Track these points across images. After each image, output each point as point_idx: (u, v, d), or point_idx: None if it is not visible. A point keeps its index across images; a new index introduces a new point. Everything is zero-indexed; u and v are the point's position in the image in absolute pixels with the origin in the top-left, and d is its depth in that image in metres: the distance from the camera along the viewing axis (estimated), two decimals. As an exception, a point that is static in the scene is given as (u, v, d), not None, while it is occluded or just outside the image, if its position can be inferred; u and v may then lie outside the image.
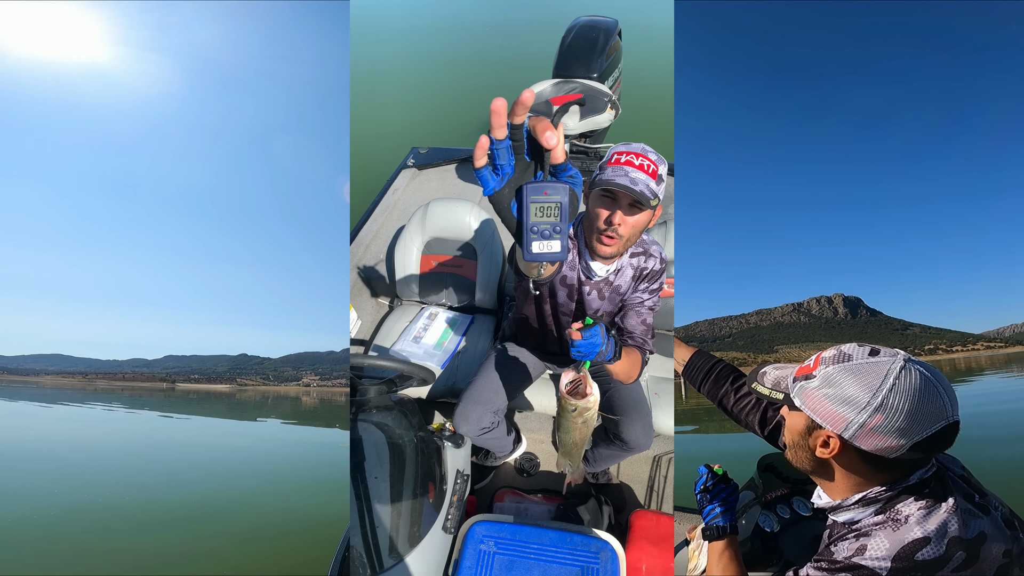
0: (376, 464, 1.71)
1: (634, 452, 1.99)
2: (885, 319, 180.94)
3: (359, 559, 1.54)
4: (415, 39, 10.36)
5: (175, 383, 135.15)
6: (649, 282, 1.81)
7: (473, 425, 1.96)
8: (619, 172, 1.52)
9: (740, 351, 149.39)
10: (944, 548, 0.86)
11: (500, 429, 2.09)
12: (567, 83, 3.14)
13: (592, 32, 3.65)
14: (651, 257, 1.80)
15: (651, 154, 1.54)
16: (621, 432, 1.92)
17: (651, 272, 1.80)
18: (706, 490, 1.40)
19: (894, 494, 0.93)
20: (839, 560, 0.92)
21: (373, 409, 1.87)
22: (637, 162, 1.52)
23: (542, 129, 0.83)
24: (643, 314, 1.81)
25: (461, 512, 1.82)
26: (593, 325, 1.42)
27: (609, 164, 1.54)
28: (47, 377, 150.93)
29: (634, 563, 1.78)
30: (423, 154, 4.12)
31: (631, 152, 1.53)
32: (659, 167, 1.53)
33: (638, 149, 1.54)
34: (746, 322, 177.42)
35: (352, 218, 3.50)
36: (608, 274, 1.78)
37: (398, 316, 2.74)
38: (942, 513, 0.89)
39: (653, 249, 1.81)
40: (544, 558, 1.71)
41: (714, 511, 1.35)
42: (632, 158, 1.52)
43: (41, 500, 7.29)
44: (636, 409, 1.93)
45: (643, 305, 1.81)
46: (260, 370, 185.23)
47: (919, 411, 0.86)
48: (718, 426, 14.16)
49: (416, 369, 1.96)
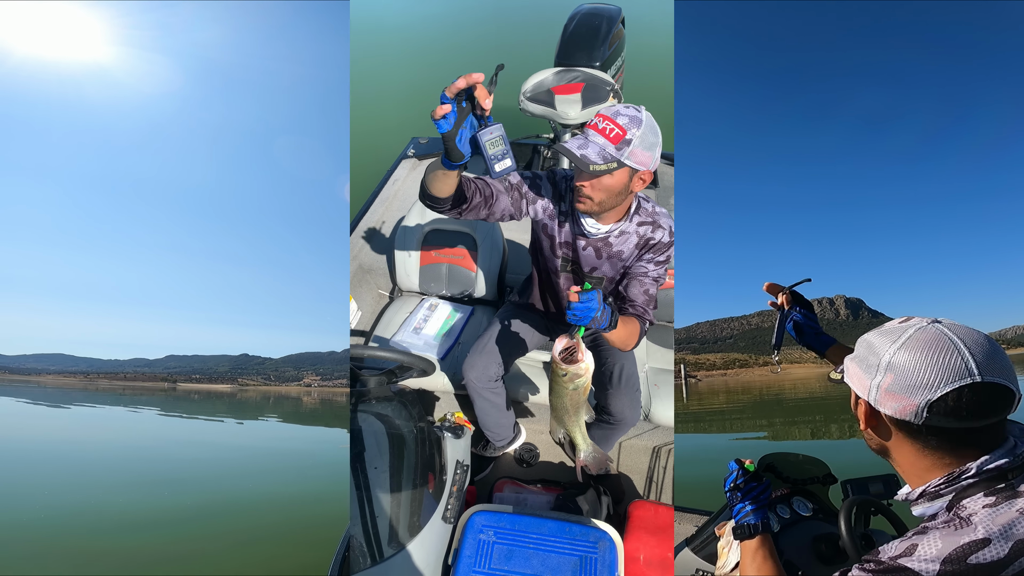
0: (376, 454, 1.73)
1: (623, 427, 2.01)
2: (887, 320, 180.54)
3: (359, 548, 1.55)
4: (415, 31, 10.34)
5: (176, 383, 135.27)
6: (655, 253, 1.80)
7: (480, 372, 2.02)
8: (577, 139, 1.57)
9: (741, 352, 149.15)
10: (1007, 551, 0.74)
11: (501, 393, 2.13)
12: (569, 72, 3.13)
13: (595, 20, 3.61)
14: (659, 228, 1.79)
15: (622, 117, 1.54)
16: (607, 405, 1.95)
17: (657, 243, 1.79)
18: (736, 487, 1.34)
19: (962, 487, 0.83)
20: (884, 560, 0.83)
21: (373, 400, 1.89)
22: (602, 125, 1.55)
23: (482, 96, 1.31)
24: (646, 284, 1.80)
25: (461, 502, 1.83)
26: (591, 290, 1.44)
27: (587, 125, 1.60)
28: (49, 377, 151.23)
29: (632, 553, 1.79)
30: (423, 144, 4.10)
31: (603, 115, 1.56)
32: (628, 131, 1.54)
33: (610, 113, 1.56)
34: (747, 323, 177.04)
35: (352, 211, 3.50)
36: (606, 234, 1.79)
37: (398, 307, 2.75)
38: (1013, 511, 0.78)
39: (663, 221, 1.80)
40: (543, 547, 1.72)
41: (745, 509, 1.30)
42: (599, 120, 1.56)
43: (41, 500, 7.31)
44: (623, 384, 1.96)
45: (647, 275, 1.80)
46: (261, 370, 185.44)
47: (928, 366, 0.81)
48: (718, 427, 14.18)
49: (416, 360, 1.97)
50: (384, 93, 7.75)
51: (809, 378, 40.25)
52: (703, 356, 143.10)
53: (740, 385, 54.62)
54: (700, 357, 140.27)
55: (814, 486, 1.85)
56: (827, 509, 1.80)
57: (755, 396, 30.69)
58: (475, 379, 2.05)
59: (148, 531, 6.15)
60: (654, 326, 2.64)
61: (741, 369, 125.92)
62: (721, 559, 1.57)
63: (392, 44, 9.62)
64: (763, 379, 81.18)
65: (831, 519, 1.70)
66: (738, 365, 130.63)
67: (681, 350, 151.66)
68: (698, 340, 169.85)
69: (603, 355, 2.00)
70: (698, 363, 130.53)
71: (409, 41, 9.74)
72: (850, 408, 1.02)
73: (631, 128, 1.53)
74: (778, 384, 42.89)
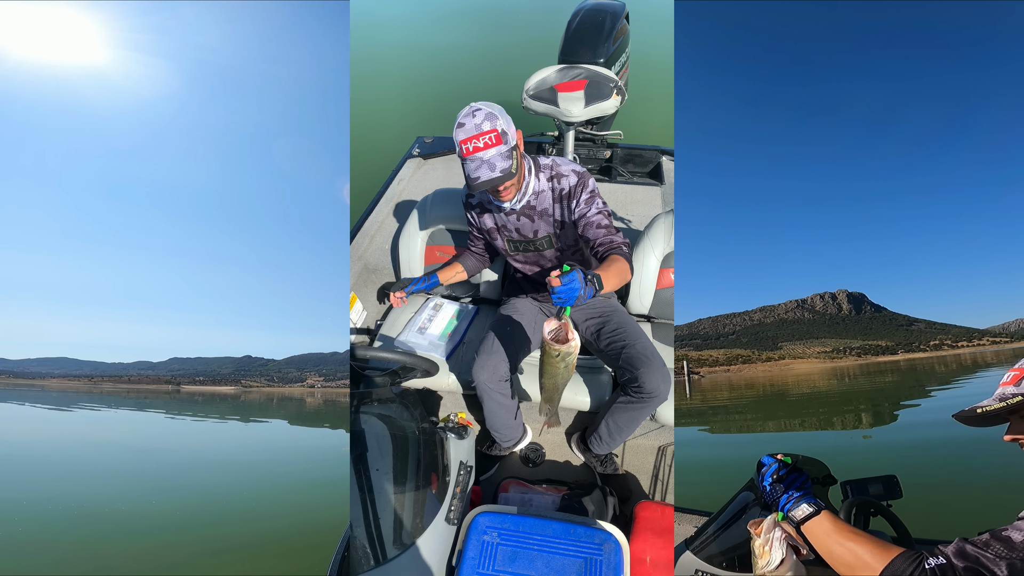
0: (378, 456, 1.71)
1: (656, 403, 2.03)
2: (890, 315, 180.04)
3: (362, 550, 1.54)
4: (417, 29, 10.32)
5: (180, 385, 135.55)
6: (576, 198, 1.99)
7: (490, 373, 2.05)
8: (474, 164, 1.80)
9: (744, 348, 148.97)
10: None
11: (509, 393, 2.15)
12: (572, 69, 3.10)
13: (599, 16, 3.58)
14: (563, 177, 2.01)
15: (485, 123, 1.76)
16: (642, 382, 1.97)
17: (570, 190, 2.00)
18: (779, 479, 1.36)
19: None
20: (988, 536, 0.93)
21: (375, 401, 1.87)
22: (480, 143, 1.76)
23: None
24: (592, 220, 1.96)
25: (465, 503, 1.82)
26: (570, 271, 1.53)
27: (463, 154, 1.81)
28: (53, 380, 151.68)
29: (638, 554, 1.77)
30: (428, 143, 4.09)
31: (470, 137, 1.77)
32: (497, 127, 1.77)
33: (472, 130, 1.76)
34: (750, 319, 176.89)
35: (352, 212, 3.48)
36: (525, 201, 2.04)
37: (403, 307, 2.73)
38: None
39: (563, 168, 2.01)
40: (547, 549, 1.70)
41: (794, 496, 1.30)
42: (473, 142, 1.77)
43: (46, 503, 7.31)
44: (653, 360, 2.01)
45: (589, 217, 1.97)
46: (264, 371, 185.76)
47: None
48: (723, 426, 14.15)
49: (419, 361, 1.96)
50: (384, 93, 7.73)
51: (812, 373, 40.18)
52: (706, 352, 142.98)
53: (743, 381, 54.54)
54: (703, 353, 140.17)
55: (814, 487, 1.83)
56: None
57: (758, 392, 30.65)
58: (486, 380, 2.06)
59: (153, 534, 6.16)
60: (655, 323, 2.63)
61: (744, 365, 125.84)
62: (763, 559, 1.54)
63: (392, 40, 9.59)
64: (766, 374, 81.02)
65: None
66: (741, 361, 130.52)
67: (684, 346, 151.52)
68: (701, 336, 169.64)
69: (627, 336, 2.08)
70: (701, 359, 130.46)
71: (409, 41, 9.71)
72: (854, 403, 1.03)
73: (498, 126, 1.78)
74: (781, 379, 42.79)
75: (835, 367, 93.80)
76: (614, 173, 3.88)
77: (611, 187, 3.82)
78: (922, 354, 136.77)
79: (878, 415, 14.11)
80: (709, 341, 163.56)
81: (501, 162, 1.80)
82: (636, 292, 2.51)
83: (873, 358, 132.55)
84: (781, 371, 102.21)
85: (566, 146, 3.24)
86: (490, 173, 1.80)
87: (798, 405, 18.67)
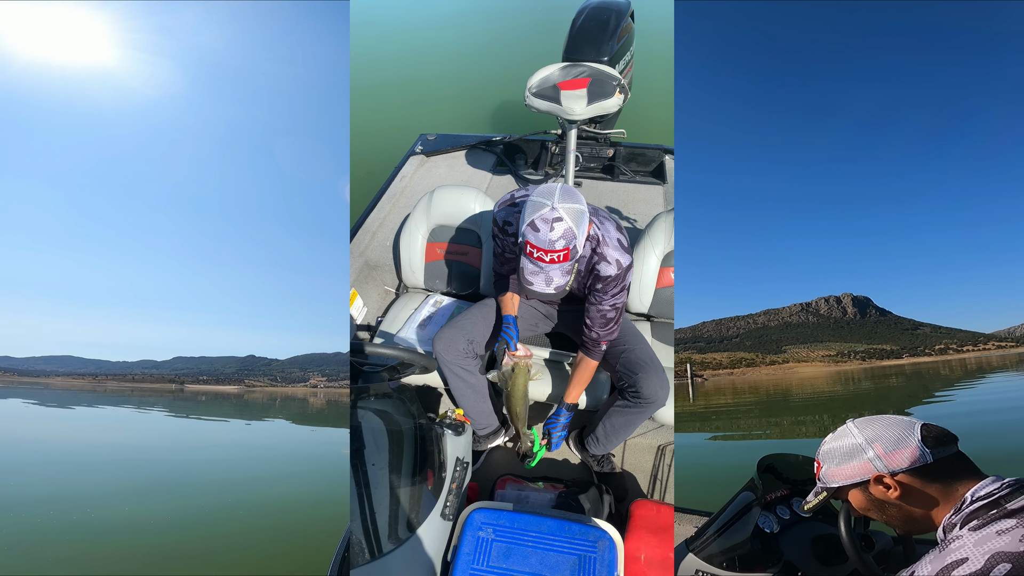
0: (374, 451, 1.72)
1: (652, 408, 2.04)
2: (895, 319, 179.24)
3: (359, 545, 1.54)
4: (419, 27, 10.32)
5: (184, 384, 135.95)
6: (605, 287, 1.93)
7: (446, 345, 2.10)
8: (532, 268, 1.72)
9: (748, 351, 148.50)
10: (983, 562, 0.83)
11: (475, 373, 2.17)
12: (575, 67, 3.09)
13: (603, 14, 3.57)
14: (606, 263, 1.91)
15: (560, 241, 1.65)
16: (639, 387, 1.98)
17: (604, 278, 1.92)
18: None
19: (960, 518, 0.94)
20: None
21: (372, 396, 1.88)
22: (547, 258, 1.68)
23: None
24: (603, 310, 1.96)
25: (460, 499, 1.82)
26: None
27: (524, 251, 1.71)
28: (57, 379, 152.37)
29: (633, 552, 1.77)
30: (431, 141, 4.09)
31: (539, 247, 1.67)
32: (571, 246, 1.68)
33: (544, 242, 1.66)
34: (754, 322, 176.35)
35: (352, 209, 3.49)
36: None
37: (403, 303, 2.75)
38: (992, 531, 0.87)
39: (610, 254, 1.90)
40: (542, 546, 1.70)
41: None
42: (539, 252, 1.68)
43: (49, 501, 7.33)
44: (652, 365, 2.02)
45: (602, 305, 1.96)
46: (268, 371, 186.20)
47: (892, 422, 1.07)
48: (725, 426, 14.12)
49: (417, 357, 1.97)
50: (385, 93, 7.74)
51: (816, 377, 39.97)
52: (709, 355, 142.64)
53: (747, 384, 54.37)
54: (706, 356, 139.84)
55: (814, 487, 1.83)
56: (827, 510, 1.78)
57: (762, 395, 30.55)
58: (442, 351, 2.10)
59: (156, 532, 6.18)
60: (655, 322, 2.63)
61: (748, 368, 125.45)
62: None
63: (394, 37, 9.60)
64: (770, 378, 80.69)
65: (831, 520, 1.69)
66: (744, 364, 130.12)
67: (687, 349, 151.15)
68: (704, 339, 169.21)
69: (627, 339, 2.12)
70: (704, 363, 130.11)
71: (410, 41, 9.72)
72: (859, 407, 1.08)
73: (572, 245, 1.68)
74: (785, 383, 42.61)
75: (839, 371, 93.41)
76: (617, 172, 3.88)
77: (613, 186, 3.82)
78: (927, 358, 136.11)
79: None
80: (713, 344, 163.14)
81: (559, 279, 1.74)
82: (636, 291, 2.52)
83: (878, 362, 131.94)
84: (785, 375, 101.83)
85: (568, 144, 3.24)
86: (544, 287, 1.75)
87: (801, 409, 18.59)
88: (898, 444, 1.03)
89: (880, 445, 1.04)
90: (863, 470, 1.06)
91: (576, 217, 1.69)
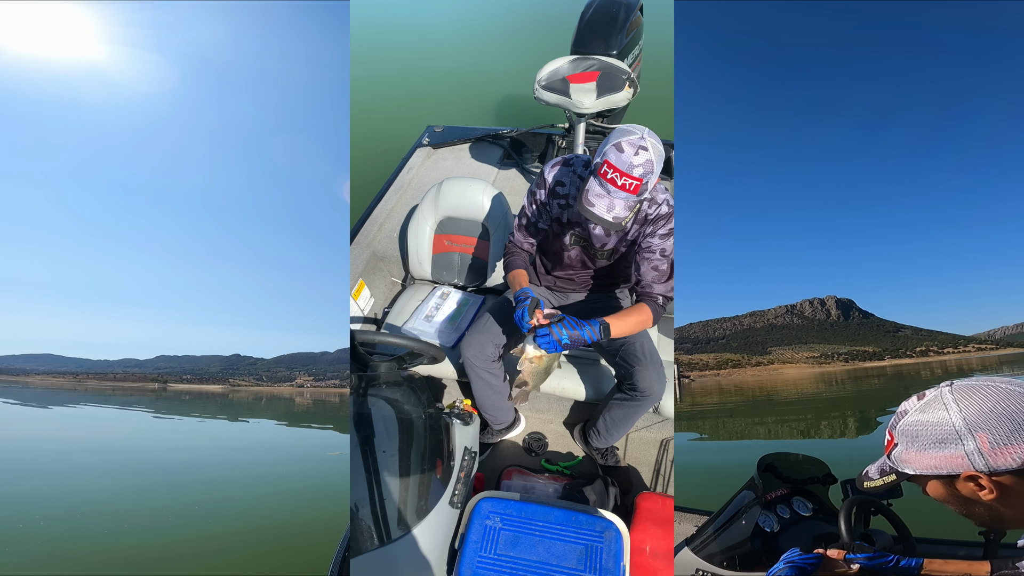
0: (385, 438, 1.73)
1: (649, 402, 2.04)
2: (877, 321, 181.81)
3: (367, 531, 1.55)
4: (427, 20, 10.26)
5: (167, 383, 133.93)
6: (656, 226, 1.88)
7: (476, 351, 2.07)
8: (598, 190, 1.66)
9: (734, 352, 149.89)
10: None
11: (499, 375, 2.17)
12: (584, 60, 3.08)
13: (612, 7, 3.54)
14: (656, 204, 1.87)
15: (638, 168, 1.61)
16: (635, 380, 1.97)
17: (655, 217, 1.87)
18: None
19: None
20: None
21: (383, 384, 1.88)
22: (620, 182, 1.62)
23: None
24: (654, 260, 1.89)
25: (468, 488, 1.83)
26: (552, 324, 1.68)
27: (598, 171, 1.65)
28: (37, 377, 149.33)
29: (638, 543, 1.79)
30: (438, 133, 4.08)
31: (617, 168, 1.62)
32: (645, 179, 1.64)
33: (625, 164, 1.61)
34: (740, 323, 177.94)
35: (354, 202, 3.47)
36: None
37: (410, 295, 2.75)
38: None
39: (659, 195, 1.88)
40: (549, 535, 1.72)
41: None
42: (614, 174, 1.62)
43: (30, 502, 7.19)
44: (649, 359, 2.00)
45: (652, 251, 1.88)
46: (253, 370, 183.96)
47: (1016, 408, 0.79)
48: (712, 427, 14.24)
49: (427, 347, 1.98)
50: (384, 91, 7.69)
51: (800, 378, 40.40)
52: (696, 356, 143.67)
53: (733, 385, 54.86)
54: (693, 357, 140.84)
55: (814, 486, 1.86)
56: (827, 509, 1.81)
57: (747, 396, 30.85)
58: (472, 357, 2.09)
59: (139, 533, 6.08)
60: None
61: (734, 369, 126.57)
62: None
63: (393, 40, 9.54)
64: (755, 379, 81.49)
65: (831, 519, 1.71)
66: (731, 365, 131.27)
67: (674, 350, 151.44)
68: (691, 340, 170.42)
69: (623, 339, 2.06)
70: (691, 363, 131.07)
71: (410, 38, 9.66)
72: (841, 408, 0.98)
73: (646, 178, 1.64)
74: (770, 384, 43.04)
75: (823, 372, 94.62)
76: None
77: None
78: (909, 360, 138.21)
79: (864, 420, 14.26)
80: (699, 345, 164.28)
81: (621, 210, 1.67)
82: None
83: (860, 363, 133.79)
84: (770, 376, 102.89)
85: (577, 138, 3.23)
86: (605, 213, 1.67)
87: (785, 410, 18.80)
88: (1011, 438, 0.78)
89: (986, 437, 0.79)
90: (955, 464, 0.83)
91: (658, 155, 1.66)
